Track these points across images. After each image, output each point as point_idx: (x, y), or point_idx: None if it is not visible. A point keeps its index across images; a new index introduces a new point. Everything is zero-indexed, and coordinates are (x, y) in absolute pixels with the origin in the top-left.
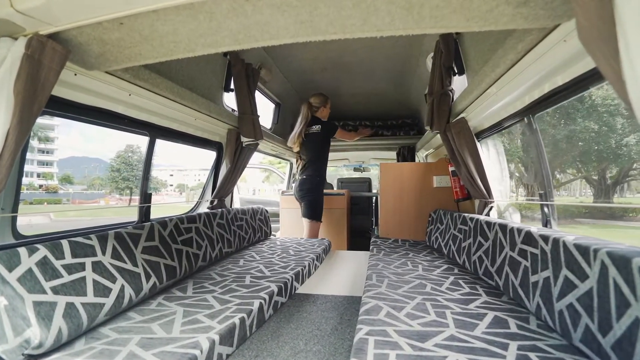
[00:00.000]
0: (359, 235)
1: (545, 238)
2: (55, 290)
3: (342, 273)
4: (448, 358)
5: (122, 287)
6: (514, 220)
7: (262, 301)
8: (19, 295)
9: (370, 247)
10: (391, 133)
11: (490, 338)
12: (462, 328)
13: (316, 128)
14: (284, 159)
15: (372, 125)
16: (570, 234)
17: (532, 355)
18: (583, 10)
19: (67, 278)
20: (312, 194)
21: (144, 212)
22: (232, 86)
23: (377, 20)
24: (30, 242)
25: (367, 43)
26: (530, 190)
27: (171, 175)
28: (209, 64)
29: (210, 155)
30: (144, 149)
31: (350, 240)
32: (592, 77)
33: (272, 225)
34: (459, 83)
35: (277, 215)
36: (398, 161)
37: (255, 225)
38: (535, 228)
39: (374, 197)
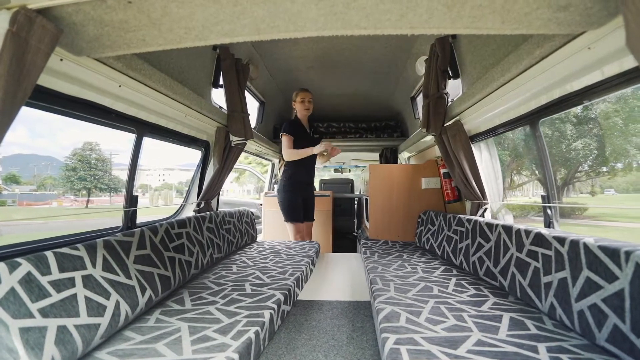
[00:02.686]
0: (342, 236)
1: (560, 240)
2: (44, 313)
3: (338, 277)
4: None
5: (117, 303)
6: (507, 221)
7: (272, 311)
8: (3, 322)
9: (362, 249)
10: (374, 135)
11: (517, 341)
12: (486, 332)
13: None
14: (266, 158)
15: (355, 131)
16: (588, 235)
17: (564, 357)
18: (635, 17)
19: (56, 297)
20: (279, 195)
21: (129, 217)
22: (221, 82)
23: (415, 16)
24: (7, 256)
25: (356, 43)
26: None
27: None
28: (199, 58)
29: (177, 155)
30: (103, 146)
31: (334, 242)
32: (606, 85)
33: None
34: (450, 86)
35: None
36: (381, 162)
37: (242, 229)
38: (546, 230)
39: (357, 199)
